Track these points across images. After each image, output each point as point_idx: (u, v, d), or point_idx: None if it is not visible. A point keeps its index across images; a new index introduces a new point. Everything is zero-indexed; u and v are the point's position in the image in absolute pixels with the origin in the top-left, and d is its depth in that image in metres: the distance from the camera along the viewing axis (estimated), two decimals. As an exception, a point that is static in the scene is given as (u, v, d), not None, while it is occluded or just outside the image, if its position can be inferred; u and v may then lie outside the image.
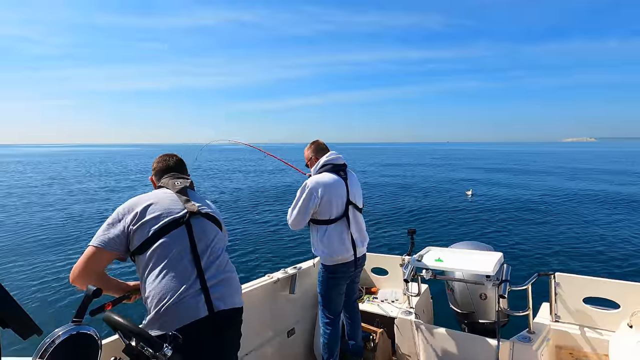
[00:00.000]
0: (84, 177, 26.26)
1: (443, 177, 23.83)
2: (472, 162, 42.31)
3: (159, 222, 1.62)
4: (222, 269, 1.69)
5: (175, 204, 1.71)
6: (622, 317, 2.30)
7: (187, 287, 1.56)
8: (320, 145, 2.71)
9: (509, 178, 21.74)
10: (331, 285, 2.57)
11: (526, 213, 11.17)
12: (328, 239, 2.49)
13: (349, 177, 2.62)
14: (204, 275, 1.61)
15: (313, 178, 2.52)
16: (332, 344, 2.63)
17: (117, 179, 23.41)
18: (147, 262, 1.59)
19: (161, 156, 1.99)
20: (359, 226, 2.62)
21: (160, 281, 1.55)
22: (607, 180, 19.80)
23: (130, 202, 1.69)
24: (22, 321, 0.97)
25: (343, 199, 2.52)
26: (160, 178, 1.90)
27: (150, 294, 1.55)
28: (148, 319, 1.54)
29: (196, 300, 1.55)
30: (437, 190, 16.84)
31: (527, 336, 2.31)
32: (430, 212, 11.81)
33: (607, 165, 33.00)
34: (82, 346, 1.27)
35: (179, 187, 1.80)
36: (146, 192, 1.81)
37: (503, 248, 6.00)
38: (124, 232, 1.61)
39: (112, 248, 1.59)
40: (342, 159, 2.65)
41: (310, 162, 2.72)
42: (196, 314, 1.54)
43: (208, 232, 1.73)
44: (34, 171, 32.96)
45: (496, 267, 2.24)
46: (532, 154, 70.94)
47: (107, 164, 43.70)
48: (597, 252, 7.43)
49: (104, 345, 1.48)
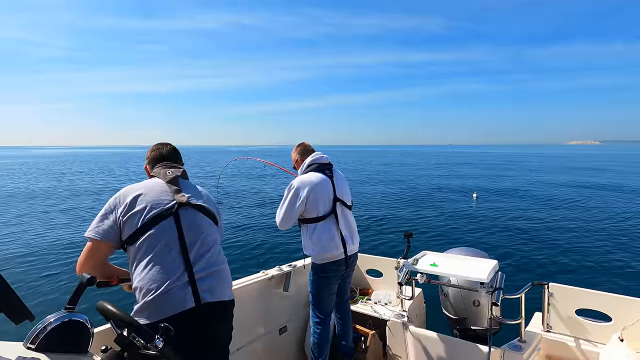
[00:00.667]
0: (83, 176, 26.26)
1: (444, 180, 23.78)
2: (474, 165, 42.21)
3: (147, 214, 1.62)
4: (212, 261, 1.69)
5: (165, 194, 1.70)
6: (613, 330, 2.30)
7: (175, 278, 1.57)
8: (306, 147, 2.78)
9: (509, 183, 21.68)
10: (322, 284, 2.58)
11: (523, 221, 11.17)
12: (317, 237, 2.51)
13: (335, 175, 2.67)
14: (192, 268, 1.62)
15: (299, 178, 2.57)
16: (322, 343, 2.63)
17: (114, 178, 23.40)
18: (135, 253, 1.60)
19: (155, 145, 1.99)
20: (348, 223, 2.64)
21: (148, 272, 1.56)
22: (608, 187, 19.79)
23: (120, 192, 1.69)
24: (15, 306, 0.97)
25: (330, 197, 2.55)
26: (153, 167, 1.90)
27: (139, 284, 1.57)
28: (136, 308, 1.56)
29: (183, 292, 1.56)
30: (437, 194, 16.83)
31: (518, 345, 2.32)
32: (428, 216, 11.82)
33: (609, 171, 32.85)
34: (73, 333, 1.27)
35: (170, 176, 1.79)
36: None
37: (498, 255, 6.00)
38: (116, 223, 1.62)
39: (107, 239, 1.61)
40: (327, 158, 2.70)
41: (297, 163, 2.78)
42: (183, 305, 1.55)
43: (198, 224, 1.72)
44: (37, 172, 33.01)
45: (490, 275, 2.24)
46: (535, 156, 70.80)
47: (110, 165, 43.77)
48: (593, 264, 7.44)
49: (96, 333, 1.48)
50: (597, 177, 26.94)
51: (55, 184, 17.67)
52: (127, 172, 29.08)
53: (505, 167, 39.72)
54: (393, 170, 31.72)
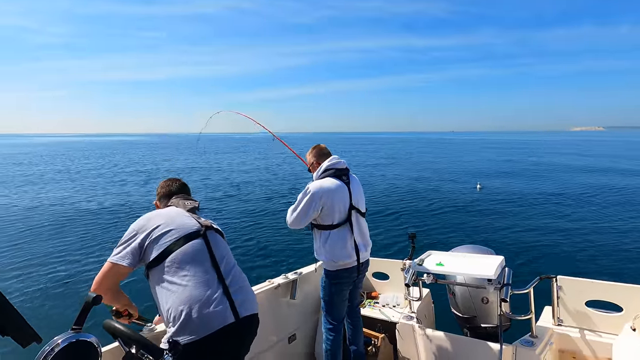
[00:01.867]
0: (83, 170, 26.10)
1: (445, 172, 23.57)
2: (476, 153, 41.87)
3: (176, 235, 1.70)
4: (237, 277, 1.78)
5: (189, 219, 1.81)
6: (625, 320, 2.29)
7: (212, 294, 1.62)
8: (322, 150, 2.71)
9: (511, 174, 21.55)
10: (334, 291, 2.56)
11: (527, 215, 11.14)
12: (331, 245, 2.48)
13: (352, 181, 2.62)
14: (225, 283, 1.68)
15: (316, 183, 2.52)
16: (335, 350, 2.61)
17: (114, 172, 23.22)
18: (166, 272, 1.64)
19: (165, 181, 2.09)
20: (362, 231, 2.61)
21: (184, 289, 1.59)
22: (611, 176, 19.69)
23: (144, 218, 1.78)
24: (22, 329, 0.96)
25: (346, 205, 2.51)
26: (165, 202, 1.99)
27: (174, 303, 1.58)
28: (177, 326, 1.55)
29: (222, 307, 1.61)
30: (439, 189, 16.71)
31: (530, 340, 2.30)
32: (431, 214, 11.77)
33: (614, 159, 32.62)
34: (81, 354, 1.26)
35: (189, 206, 1.91)
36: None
37: (504, 251, 5.97)
38: (140, 247, 1.68)
39: (128, 263, 1.66)
40: (344, 163, 2.65)
41: (312, 167, 2.71)
42: (224, 321, 1.59)
43: (222, 245, 1.83)
44: (35, 163, 32.80)
45: (497, 271, 2.23)
46: (539, 143, 70.42)
47: (112, 154, 43.30)
48: (600, 254, 7.40)
49: (104, 352, 1.48)
50: (600, 164, 26.89)
51: (60, 193, 17.70)
52: (126, 164, 28.01)
53: (507, 155, 39.50)
54: (394, 162, 31.42)
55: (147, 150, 55.61)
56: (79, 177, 22.46)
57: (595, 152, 43.29)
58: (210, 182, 20.07)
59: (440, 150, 51.35)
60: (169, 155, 40.47)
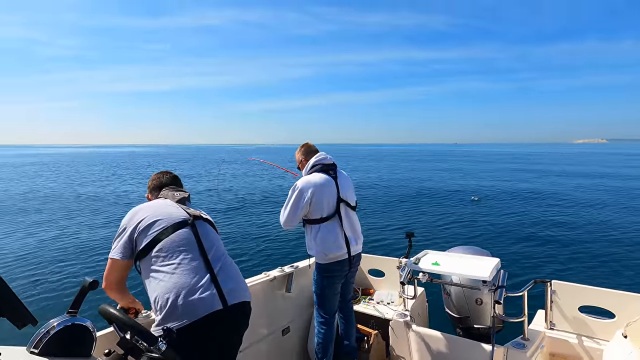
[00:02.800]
0: (84, 175, 26.27)
1: (445, 180, 23.73)
2: (479, 164, 42.00)
3: (163, 225, 1.71)
4: (227, 266, 1.78)
5: (177, 210, 1.81)
6: (617, 327, 2.30)
7: (199, 281, 1.62)
8: (310, 148, 2.78)
9: (512, 182, 21.60)
10: (326, 284, 2.59)
11: (524, 219, 11.16)
12: (321, 238, 2.52)
13: (339, 175, 2.67)
14: (213, 271, 1.69)
15: (303, 178, 2.59)
16: (327, 343, 2.64)
17: (115, 176, 23.42)
18: (154, 262, 1.65)
19: (156, 174, 2.10)
20: (352, 224, 2.65)
21: (171, 277, 1.61)
22: (611, 185, 19.71)
23: (132, 211, 1.79)
24: (18, 310, 0.97)
25: (334, 197, 2.56)
26: (156, 194, 2.00)
27: (161, 291, 1.59)
28: (163, 314, 1.57)
29: (209, 294, 1.62)
30: (439, 193, 16.80)
31: (522, 343, 2.31)
32: (430, 215, 11.81)
33: (614, 168, 32.63)
34: (76, 337, 1.27)
35: (179, 197, 1.91)
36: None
37: (500, 254, 5.98)
38: (129, 241, 1.70)
39: (121, 257, 1.68)
40: (331, 159, 2.71)
41: (301, 164, 2.78)
42: (210, 307, 1.60)
43: (211, 235, 1.84)
44: (42, 170, 32.99)
45: (493, 273, 2.24)
46: (541, 155, 70.41)
47: (119, 164, 43.60)
48: (595, 260, 7.42)
49: (99, 337, 1.49)
50: (600, 174, 26.88)
51: (59, 185, 17.77)
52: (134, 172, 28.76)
53: (510, 165, 39.57)
54: (395, 170, 31.63)
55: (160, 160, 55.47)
56: (82, 175, 22.51)
57: (594, 162, 43.34)
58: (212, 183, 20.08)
59: (443, 159, 51.45)
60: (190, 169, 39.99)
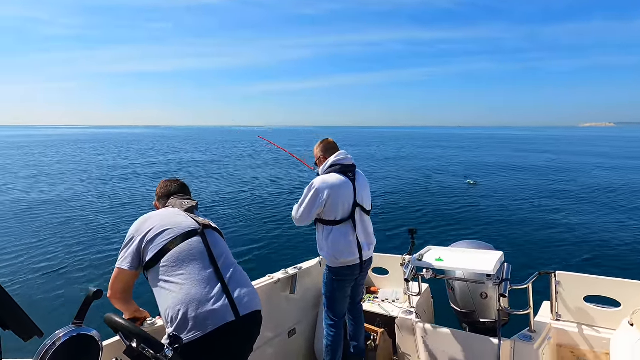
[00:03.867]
0: (89, 163, 26.10)
1: (447, 167, 23.51)
2: (482, 149, 41.57)
3: (172, 234, 1.69)
4: (237, 274, 1.77)
5: (185, 218, 1.80)
6: (623, 316, 2.30)
7: (210, 292, 1.61)
8: (330, 144, 2.66)
9: (514, 170, 21.45)
10: (336, 287, 2.56)
11: (527, 210, 11.15)
12: (333, 241, 2.47)
13: (357, 178, 2.59)
14: (224, 280, 1.68)
15: (320, 178, 2.51)
16: (336, 346, 2.62)
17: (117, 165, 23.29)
18: (163, 272, 1.64)
19: (164, 181, 2.09)
20: (365, 229, 2.59)
21: (182, 288, 1.59)
22: (615, 172, 19.64)
23: (140, 220, 1.78)
24: (23, 323, 0.97)
25: (350, 201, 2.49)
26: (164, 202, 1.99)
27: (172, 303, 1.58)
28: (174, 326, 1.55)
29: (221, 305, 1.61)
30: (440, 184, 16.70)
31: (528, 335, 2.31)
32: (432, 210, 11.78)
33: (620, 155, 32.37)
34: (83, 348, 1.27)
35: (187, 206, 1.90)
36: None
37: (504, 247, 5.97)
38: (138, 250, 1.68)
39: (129, 267, 1.67)
40: (351, 159, 2.61)
41: (319, 161, 2.68)
42: (223, 319, 1.59)
43: (220, 244, 1.83)
44: (41, 156, 32.68)
45: (497, 266, 2.24)
46: (547, 139, 69.81)
47: (124, 146, 43.30)
48: (599, 250, 7.42)
49: (105, 346, 1.48)
50: (605, 160, 26.80)
51: (59, 185, 17.70)
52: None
53: (514, 150, 39.23)
54: (392, 160, 31.39)
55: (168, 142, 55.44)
56: (86, 171, 22.44)
57: (601, 148, 43.13)
58: (213, 175, 20.06)
59: (444, 145, 51.15)
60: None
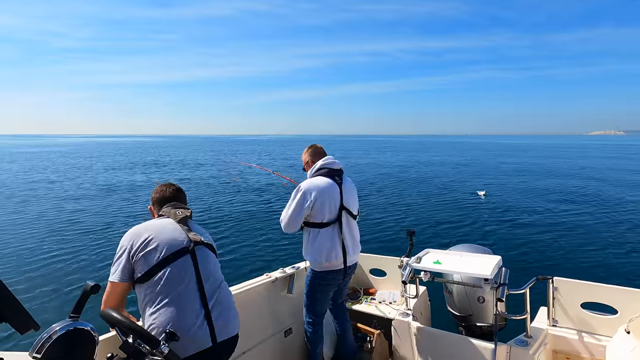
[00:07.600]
0: (89, 169, 26.24)
1: (451, 174, 23.57)
2: (488, 158, 41.65)
3: (163, 251, 1.67)
4: (222, 298, 1.76)
5: (178, 233, 1.77)
6: (619, 323, 2.30)
7: (193, 318, 1.62)
8: (317, 149, 2.74)
9: (517, 177, 21.47)
10: (318, 290, 2.59)
11: (527, 215, 11.15)
12: (319, 244, 2.49)
13: (344, 182, 2.63)
14: (208, 305, 1.68)
15: (307, 181, 2.55)
16: (316, 342, 2.68)
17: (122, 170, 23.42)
18: (151, 291, 1.63)
19: (160, 186, 2.05)
20: (351, 233, 2.61)
21: (165, 311, 1.59)
22: (612, 180, 19.64)
23: (132, 231, 1.74)
24: (20, 316, 0.97)
25: (336, 203, 2.52)
26: (159, 208, 1.95)
27: (155, 322, 1.58)
28: None
29: (201, 332, 1.62)
30: (442, 189, 16.75)
31: (525, 340, 2.31)
32: (431, 212, 11.79)
33: (630, 164, 32.31)
34: (78, 342, 1.27)
35: (180, 217, 1.85)
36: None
37: (502, 251, 5.97)
38: (129, 263, 1.66)
39: (119, 279, 1.64)
40: (339, 164, 2.66)
41: (307, 165, 2.74)
42: (202, 345, 1.60)
43: (210, 261, 1.80)
44: (48, 162, 32.81)
45: (494, 271, 2.24)
46: (555, 148, 69.69)
47: (134, 155, 43.44)
48: (597, 257, 7.42)
49: (101, 341, 1.49)
50: (607, 168, 26.78)
51: (59, 180, 17.69)
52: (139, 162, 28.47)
53: (519, 158, 39.26)
54: (398, 164, 31.47)
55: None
56: (85, 174, 22.47)
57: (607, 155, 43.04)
58: (214, 174, 20.06)
59: (452, 151, 51.09)
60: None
